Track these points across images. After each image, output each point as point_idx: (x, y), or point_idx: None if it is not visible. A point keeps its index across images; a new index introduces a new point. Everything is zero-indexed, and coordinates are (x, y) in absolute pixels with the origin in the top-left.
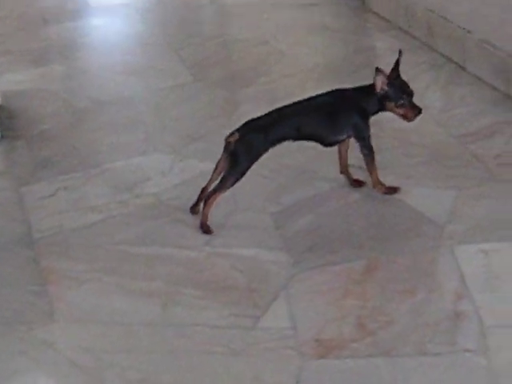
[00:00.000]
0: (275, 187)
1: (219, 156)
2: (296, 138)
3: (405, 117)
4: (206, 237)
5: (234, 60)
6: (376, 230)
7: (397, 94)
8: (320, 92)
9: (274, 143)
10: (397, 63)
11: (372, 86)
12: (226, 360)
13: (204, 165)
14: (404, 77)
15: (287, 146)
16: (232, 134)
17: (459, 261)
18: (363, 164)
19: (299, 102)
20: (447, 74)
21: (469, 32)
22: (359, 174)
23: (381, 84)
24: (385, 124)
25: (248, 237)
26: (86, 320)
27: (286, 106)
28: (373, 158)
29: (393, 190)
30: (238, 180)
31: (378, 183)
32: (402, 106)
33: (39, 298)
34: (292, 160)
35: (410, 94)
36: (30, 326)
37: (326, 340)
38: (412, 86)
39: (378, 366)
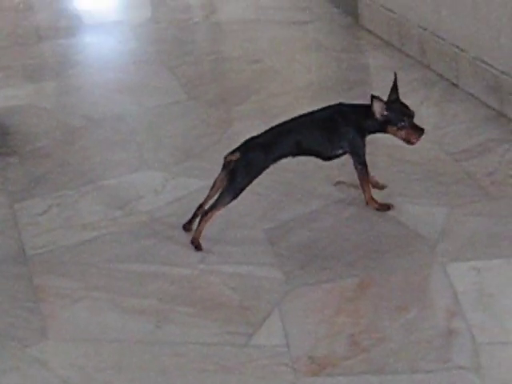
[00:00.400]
0: (269, 204)
1: (213, 173)
2: (296, 154)
3: (407, 140)
4: (199, 254)
5: (227, 78)
6: (369, 247)
7: (397, 117)
8: (318, 107)
9: (274, 161)
10: (394, 85)
11: (370, 109)
12: (218, 378)
13: (197, 182)
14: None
15: (281, 162)
16: (232, 152)
17: (452, 278)
18: (355, 181)
19: (298, 118)
20: (440, 92)
21: (462, 50)
22: (351, 191)
23: (380, 110)
24: (378, 141)
25: (241, 254)
26: (78, 338)
27: (285, 123)
28: (366, 175)
29: (386, 207)
30: (235, 198)
31: (371, 200)
32: (403, 127)
33: (32, 315)
34: (285, 177)
35: (411, 115)
36: (23, 343)
37: (319, 357)
38: (405, 103)
39: (371, 383)
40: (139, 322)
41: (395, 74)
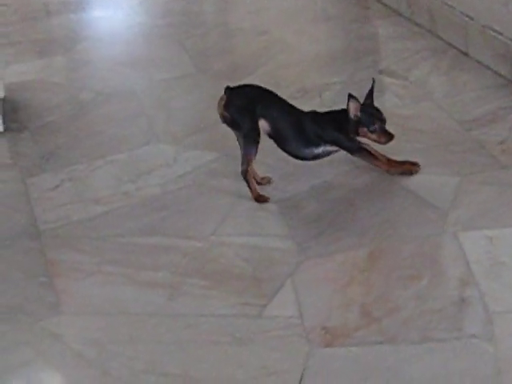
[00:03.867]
0: (279, 175)
1: (224, 146)
2: (270, 126)
3: (377, 141)
4: (212, 227)
5: (236, 50)
6: (380, 216)
7: (369, 119)
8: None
9: (259, 110)
10: (371, 90)
11: (346, 111)
12: (232, 349)
13: (208, 155)
14: (406, 63)
15: None
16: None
17: (464, 247)
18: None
19: (282, 99)
20: (450, 60)
21: (471, 18)
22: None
23: (354, 110)
24: (388, 110)
25: (253, 225)
26: (91, 311)
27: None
28: (367, 156)
29: (410, 166)
30: (254, 140)
31: (389, 167)
32: (374, 131)
33: (45, 289)
34: None
35: (383, 120)
36: (37, 317)
37: (333, 327)
38: (414, 72)
39: (383, 352)
40: (152, 295)
41: (373, 80)
